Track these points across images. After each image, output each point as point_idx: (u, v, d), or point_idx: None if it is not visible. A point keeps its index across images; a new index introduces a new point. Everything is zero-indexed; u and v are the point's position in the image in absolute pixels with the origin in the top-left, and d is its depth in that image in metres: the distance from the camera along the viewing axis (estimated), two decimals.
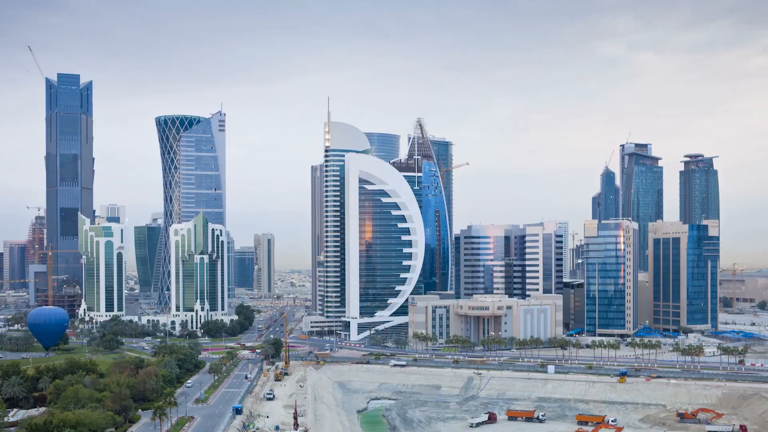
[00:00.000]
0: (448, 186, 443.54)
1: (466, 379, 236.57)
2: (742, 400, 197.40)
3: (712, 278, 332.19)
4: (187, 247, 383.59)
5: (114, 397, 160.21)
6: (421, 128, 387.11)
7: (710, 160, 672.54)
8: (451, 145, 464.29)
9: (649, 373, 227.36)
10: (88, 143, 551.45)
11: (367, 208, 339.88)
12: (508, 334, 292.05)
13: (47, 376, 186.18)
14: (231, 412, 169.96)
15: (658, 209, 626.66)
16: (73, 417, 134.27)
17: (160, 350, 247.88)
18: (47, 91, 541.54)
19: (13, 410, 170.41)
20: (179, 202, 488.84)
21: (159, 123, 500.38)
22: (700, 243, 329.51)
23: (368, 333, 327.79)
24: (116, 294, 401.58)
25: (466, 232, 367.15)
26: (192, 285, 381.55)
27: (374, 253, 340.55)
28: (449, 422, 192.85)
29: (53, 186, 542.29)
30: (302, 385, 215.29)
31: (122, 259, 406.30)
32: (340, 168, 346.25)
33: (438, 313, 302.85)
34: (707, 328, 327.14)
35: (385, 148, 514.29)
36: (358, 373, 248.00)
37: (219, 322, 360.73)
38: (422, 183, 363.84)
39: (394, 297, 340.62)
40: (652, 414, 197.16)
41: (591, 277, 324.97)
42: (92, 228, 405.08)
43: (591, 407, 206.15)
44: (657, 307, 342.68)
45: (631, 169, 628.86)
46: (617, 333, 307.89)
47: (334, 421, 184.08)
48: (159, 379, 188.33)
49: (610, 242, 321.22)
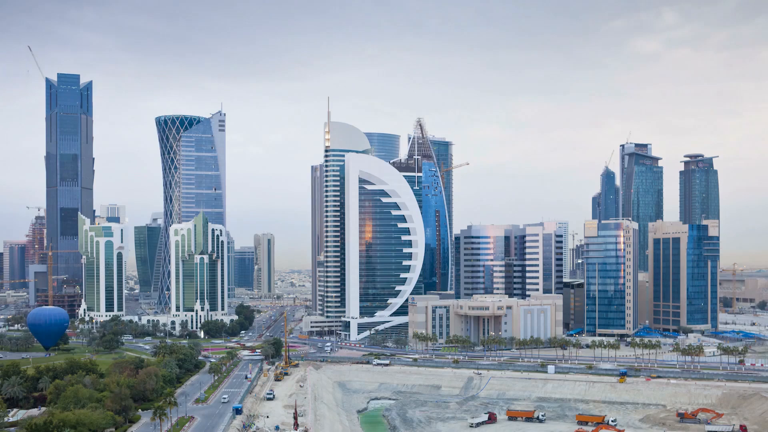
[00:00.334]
0: (448, 186, 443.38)
1: (466, 379, 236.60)
2: (742, 400, 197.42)
3: (712, 278, 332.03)
4: (187, 247, 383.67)
5: (114, 397, 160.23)
6: (421, 128, 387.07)
7: (710, 160, 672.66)
8: (451, 145, 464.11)
9: (649, 373, 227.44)
10: (88, 143, 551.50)
11: (367, 208, 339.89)
12: (508, 334, 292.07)
13: (47, 376, 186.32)
14: (231, 412, 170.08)
15: (658, 209, 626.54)
16: (73, 417, 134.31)
17: (160, 350, 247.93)
18: (47, 91, 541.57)
19: (13, 410, 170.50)
20: (179, 202, 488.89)
21: (159, 123, 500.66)
22: (700, 243, 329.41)
23: (368, 333, 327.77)
24: (116, 294, 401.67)
25: (466, 232, 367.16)
26: (192, 285, 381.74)
27: (374, 253, 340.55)
28: (449, 422, 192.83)
29: (53, 186, 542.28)
30: (302, 385, 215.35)
31: (122, 259, 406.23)
32: (340, 168, 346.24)
33: (438, 313, 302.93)
34: (707, 328, 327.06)
35: (385, 148, 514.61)
36: (358, 373, 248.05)
37: (219, 322, 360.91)
38: (422, 183, 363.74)
39: (394, 297, 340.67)
40: (652, 414, 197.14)
41: (591, 277, 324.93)
42: (92, 228, 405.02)
43: (591, 407, 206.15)
44: (657, 307, 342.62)
45: (631, 169, 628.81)
46: (617, 333, 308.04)
47: (334, 421, 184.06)
48: (159, 379, 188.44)
49: (610, 242, 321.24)
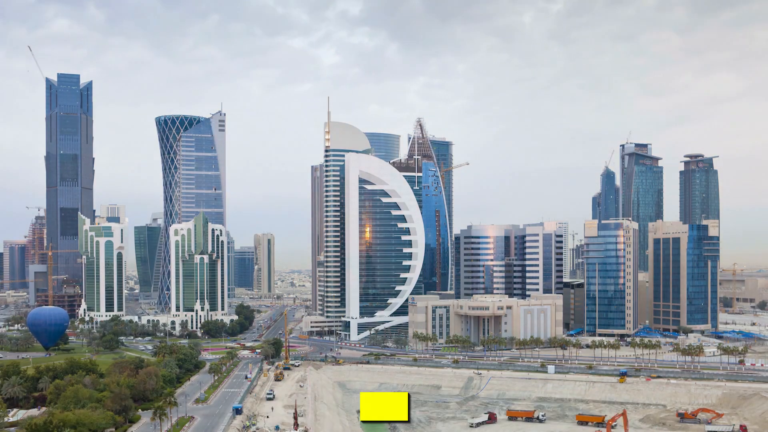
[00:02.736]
0: (448, 186, 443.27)
1: (466, 379, 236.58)
2: (742, 400, 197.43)
3: (712, 278, 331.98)
4: (187, 247, 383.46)
5: (114, 397, 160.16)
6: (421, 128, 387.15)
7: (710, 160, 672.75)
8: (451, 145, 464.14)
9: (649, 373, 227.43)
10: (88, 143, 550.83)
11: (367, 208, 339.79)
12: (508, 334, 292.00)
13: (47, 376, 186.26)
14: (231, 412, 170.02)
15: (658, 209, 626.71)
16: (73, 417, 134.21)
17: (160, 350, 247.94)
18: (47, 91, 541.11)
19: (13, 410, 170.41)
20: (179, 202, 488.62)
21: (159, 123, 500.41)
22: (700, 243, 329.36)
23: (368, 333, 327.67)
24: (116, 294, 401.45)
25: (466, 232, 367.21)
26: (192, 285, 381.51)
27: (374, 253, 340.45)
28: (449, 422, 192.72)
29: (53, 186, 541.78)
30: (302, 385, 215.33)
31: (122, 259, 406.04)
32: (340, 168, 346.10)
33: (438, 313, 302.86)
34: (707, 328, 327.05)
35: (385, 148, 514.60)
36: (358, 373, 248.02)
37: (219, 322, 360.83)
38: (422, 183, 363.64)
39: (394, 297, 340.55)
40: (652, 414, 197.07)
41: (591, 277, 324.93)
42: (92, 228, 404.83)
43: (591, 407, 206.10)
44: (657, 307, 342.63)
45: (631, 169, 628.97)
46: (617, 333, 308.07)
47: (334, 421, 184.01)
48: (159, 379, 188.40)
49: (610, 242, 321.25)
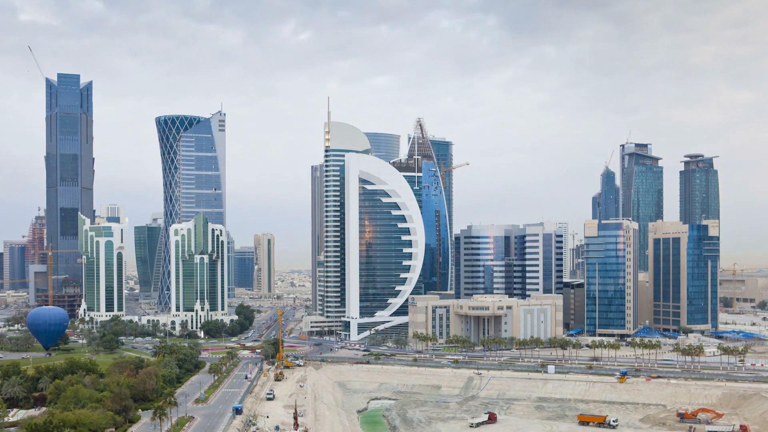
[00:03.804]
0: (448, 186, 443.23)
1: (466, 379, 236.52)
2: (743, 400, 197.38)
3: (712, 278, 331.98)
4: (187, 247, 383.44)
5: (114, 397, 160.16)
6: (421, 128, 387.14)
7: (710, 160, 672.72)
8: (451, 145, 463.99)
9: (649, 373, 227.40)
10: (88, 143, 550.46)
11: (367, 208, 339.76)
12: (508, 334, 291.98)
13: (47, 376, 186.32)
14: (231, 412, 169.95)
15: (658, 209, 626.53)
16: (73, 417, 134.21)
17: (160, 350, 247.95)
18: (47, 91, 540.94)
19: (13, 410, 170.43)
20: (179, 202, 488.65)
21: (159, 123, 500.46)
22: (700, 243, 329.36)
23: (368, 333, 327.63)
24: (116, 294, 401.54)
25: (466, 232, 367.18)
26: (192, 285, 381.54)
27: (374, 253, 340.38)
28: (449, 422, 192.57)
29: (53, 186, 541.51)
30: (302, 385, 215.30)
31: (122, 259, 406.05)
32: (340, 168, 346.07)
33: (438, 313, 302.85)
34: (707, 328, 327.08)
35: (385, 148, 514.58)
36: (358, 373, 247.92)
37: (219, 322, 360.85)
38: (422, 183, 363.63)
39: (394, 297, 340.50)
40: (652, 414, 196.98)
41: (591, 277, 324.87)
42: (92, 228, 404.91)
43: (591, 407, 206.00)
44: (657, 307, 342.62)
45: (631, 169, 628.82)
46: (617, 333, 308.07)
47: (334, 421, 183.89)
48: (159, 379, 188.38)
49: (610, 242, 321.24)
